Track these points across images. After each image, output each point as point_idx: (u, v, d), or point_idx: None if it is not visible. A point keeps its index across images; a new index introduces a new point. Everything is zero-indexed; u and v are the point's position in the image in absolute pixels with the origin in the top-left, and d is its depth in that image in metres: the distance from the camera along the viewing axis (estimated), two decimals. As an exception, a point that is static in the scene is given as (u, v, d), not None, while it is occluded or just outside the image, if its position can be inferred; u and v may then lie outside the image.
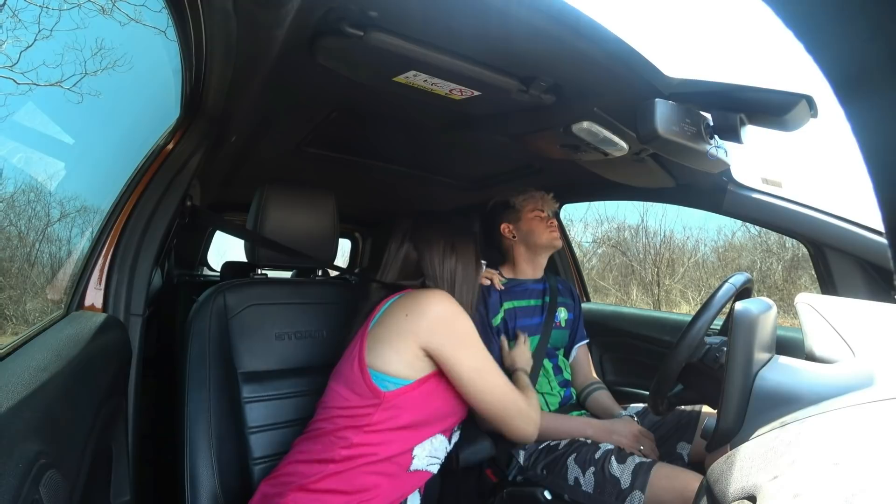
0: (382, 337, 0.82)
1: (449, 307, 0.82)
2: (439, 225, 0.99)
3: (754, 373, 0.66)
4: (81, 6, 1.21)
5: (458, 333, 0.81)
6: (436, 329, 0.80)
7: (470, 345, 0.82)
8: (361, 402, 0.79)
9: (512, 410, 0.85)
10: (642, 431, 1.12)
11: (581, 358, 1.42)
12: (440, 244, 0.94)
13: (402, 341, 0.80)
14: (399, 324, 0.81)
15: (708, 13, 13.94)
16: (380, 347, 0.81)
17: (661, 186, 1.30)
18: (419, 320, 0.80)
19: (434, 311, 0.81)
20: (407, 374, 0.80)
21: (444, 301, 0.83)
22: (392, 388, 0.79)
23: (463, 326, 0.82)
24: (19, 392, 0.46)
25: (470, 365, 0.81)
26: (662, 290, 5.94)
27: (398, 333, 0.81)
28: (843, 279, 1.11)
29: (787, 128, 0.75)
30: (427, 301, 0.82)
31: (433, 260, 0.93)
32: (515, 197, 1.40)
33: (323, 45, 0.73)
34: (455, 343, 0.81)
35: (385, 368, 0.79)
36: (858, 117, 0.22)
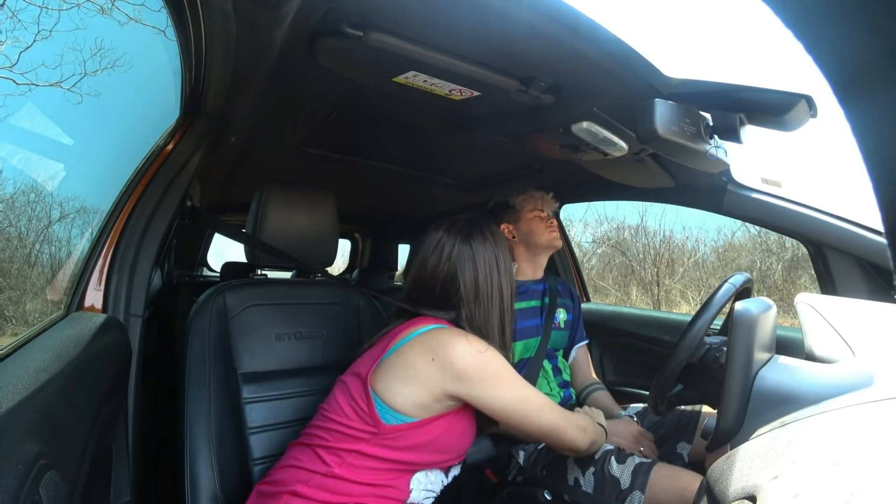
0: (398, 371, 0.76)
1: (480, 355, 0.76)
2: (486, 246, 0.87)
3: (754, 373, 0.66)
4: (81, 6, 1.21)
5: (496, 375, 0.77)
6: (467, 377, 0.75)
7: (508, 380, 0.78)
8: (360, 425, 0.76)
9: (562, 423, 0.82)
10: (642, 432, 1.12)
11: (580, 359, 1.42)
12: (486, 275, 0.84)
13: (422, 385, 0.75)
14: (422, 366, 0.75)
15: (708, 13, 13.93)
16: (391, 381, 0.76)
17: (661, 186, 1.30)
18: (448, 368, 0.75)
19: (464, 359, 0.75)
20: (413, 413, 0.75)
21: (476, 345, 0.77)
22: (393, 423, 0.75)
23: (496, 368, 0.77)
24: (19, 393, 0.46)
25: (514, 396, 0.78)
26: (662, 290, 5.94)
27: (418, 375, 0.75)
28: (842, 279, 1.11)
29: (787, 128, 0.75)
30: (456, 347, 0.75)
31: (476, 291, 0.83)
32: (515, 197, 1.40)
33: (322, 46, 0.73)
34: (491, 385, 0.76)
35: (391, 402, 0.75)
36: (858, 117, 0.22)
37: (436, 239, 0.87)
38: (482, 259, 0.85)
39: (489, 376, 0.76)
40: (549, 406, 0.82)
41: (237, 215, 2.53)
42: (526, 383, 0.81)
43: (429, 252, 0.86)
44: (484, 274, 0.84)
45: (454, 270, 0.83)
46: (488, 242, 0.86)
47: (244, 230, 1.11)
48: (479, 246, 0.85)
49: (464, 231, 0.86)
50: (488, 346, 0.78)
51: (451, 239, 0.85)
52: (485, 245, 0.86)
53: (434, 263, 0.85)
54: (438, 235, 0.87)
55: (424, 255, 0.87)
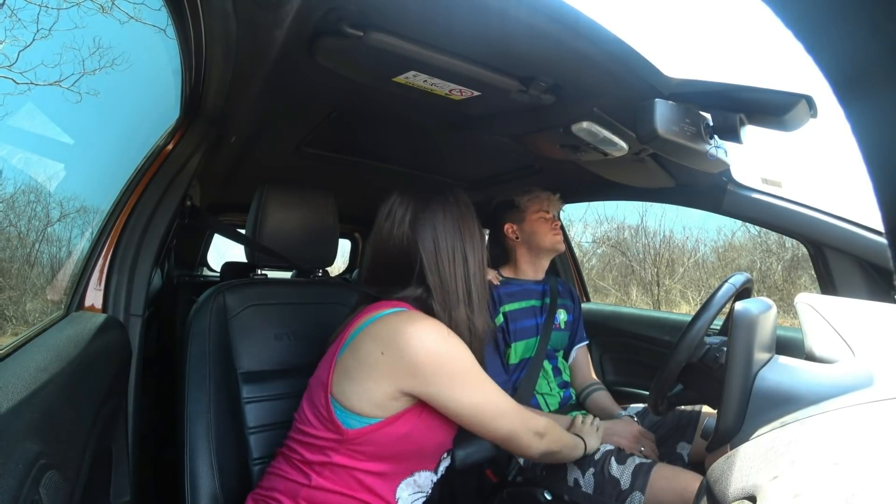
0: (350, 370, 0.69)
1: (438, 344, 0.67)
2: (445, 202, 0.76)
3: (754, 373, 0.66)
4: (80, 5, 1.21)
5: (453, 373, 0.67)
6: (421, 372, 0.66)
7: (468, 381, 0.69)
8: (324, 433, 0.70)
9: (519, 430, 0.75)
10: (642, 432, 1.12)
11: (580, 359, 1.42)
12: (448, 232, 0.74)
13: (374, 382, 0.67)
14: (372, 361, 0.67)
15: (708, 13, 13.93)
16: (346, 381, 0.69)
17: (661, 186, 1.30)
18: (399, 362, 0.66)
19: (420, 353, 0.65)
20: (374, 414, 0.68)
21: (430, 336, 0.67)
22: (356, 427, 0.68)
23: (457, 364, 0.68)
24: (19, 392, 0.46)
25: (471, 402, 0.69)
26: (662, 290, 5.94)
27: (369, 371, 0.67)
28: (842, 279, 1.11)
29: (787, 128, 0.75)
30: (408, 338, 0.66)
31: (439, 258, 0.73)
32: (520, 196, 1.38)
33: (323, 46, 0.73)
34: (450, 385, 0.67)
35: (349, 405, 0.68)
36: (858, 117, 0.22)
37: (389, 203, 0.76)
38: (443, 223, 0.74)
39: (445, 375, 0.67)
40: (508, 411, 0.73)
41: (237, 215, 2.53)
42: (487, 384, 0.71)
43: (382, 219, 0.76)
44: (445, 239, 0.73)
45: (413, 237, 0.73)
46: (450, 204, 0.76)
47: (244, 230, 1.11)
48: (439, 206, 0.75)
49: (420, 193, 0.76)
50: (449, 335, 0.69)
51: (406, 201, 0.75)
52: (446, 206, 0.75)
53: (388, 230, 0.74)
54: (392, 199, 0.76)
55: (379, 223, 0.76)
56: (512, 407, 0.75)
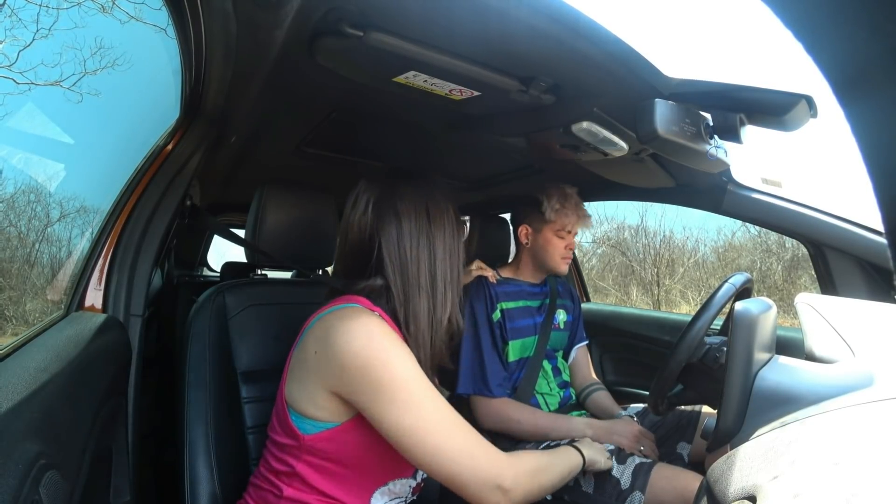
0: (295, 370, 0.65)
1: (366, 343, 0.58)
2: (414, 186, 0.70)
3: (754, 373, 0.66)
4: (81, 4, 1.22)
5: (380, 383, 0.57)
6: (344, 375, 0.59)
7: (398, 396, 0.57)
8: (284, 439, 0.66)
9: (465, 479, 0.58)
10: (642, 432, 1.12)
11: (580, 359, 1.42)
12: (413, 217, 0.67)
13: (312, 383, 0.62)
14: (309, 360, 0.63)
15: (708, 13, 13.94)
16: (293, 382, 0.65)
17: (661, 186, 1.30)
18: (327, 363, 0.60)
19: (345, 351, 0.58)
20: (325, 418, 0.62)
21: (362, 334, 0.59)
22: (312, 432, 0.63)
23: (386, 371, 0.58)
24: (19, 392, 0.46)
25: (395, 423, 0.57)
26: (662, 290, 5.94)
27: (308, 371, 0.63)
28: (843, 279, 1.11)
29: (787, 128, 0.75)
30: (338, 334, 0.59)
31: (401, 243, 0.66)
32: (550, 202, 1.28)
33: (323, 46, 0.73)
34: (374, 396, 0.58)
35: (298, 408, 0.63)
36: (858, 117, 0.22)
37: (356, 190, 0.71)
38: (408, 208, 0.68)
39: (369, 383, 0.58)
40: (450, 447, 0.58)
41: (237, 215, 2.53)
42: (426, 405, 0.59)
43: (349, 207, 0.71)
44: (409, 224, 0.67)
45: (375, 223, 0.67)
46: (420, 188, 0.70)
47: (244, 230, 1.11)
48: (406, 190, 0.68)
49: (388, 179, 0.71)
50: (383, 336, 0.60)
51: (373, 188, 0.70)
52: (415, 190, 0.69)
53: (352, 218, 0.69)
54: (359, 186, 0.71)
55: (346, 212, 0.71)
56: (462, 445, 0.58)
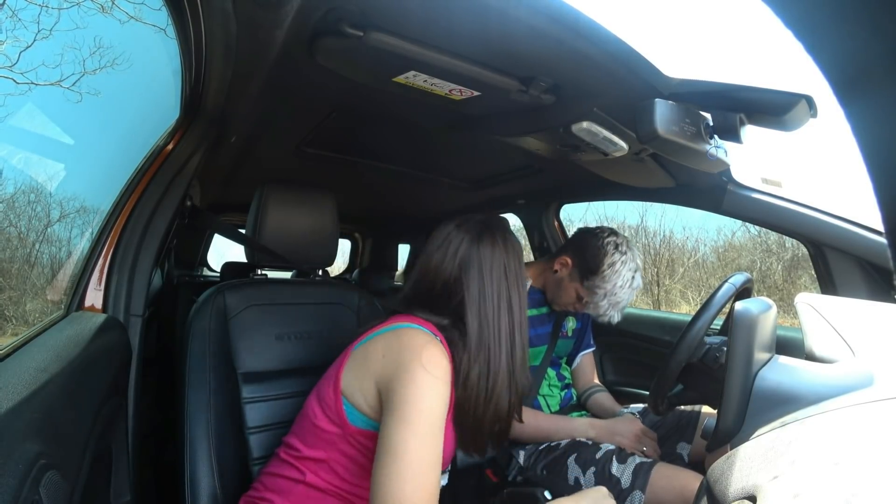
0: (358, 369, 0.70)
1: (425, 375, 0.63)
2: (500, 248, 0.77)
3: (754, 373, 0.66)
4: (81, 4, 1.22)
5: (410, 400, 0.62)
6: (395, 382, 0.64)
7: (409, 417, 0.61)
8: (326, 425, 0.71)
9: None
10: (644, 430, 1.12)
11: (585, 364, 1.41)
12: (495, 281, 0.74)
13: (368, 379, 0.68)
14: (374, 361, 0.69)
15: (708, 13, 13.94)
16: (353, 378, 0.70)
17: (661, 186, 1.30)
18: (390, 365, 0.66)
19: (412, 370, 0.63)
20: (373, 417, 0.68)
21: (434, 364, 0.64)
22: (359, 426, 0.69)
23: (418, 397, 0.62)
24: (19, 392, 0.46)
25: (391, 438, 0.61)
26: (662, 290, 5.93)
27: (367, 369, 0.69)
28: (843, 279, 1.11)
29: (787, 128, 0.75)
30: (414, 353, 0.65)
31: (483, 307, 0.73)
32: (612, 256, 1.18)
33: (322, 46, 0.73)
34: (397, 408, 0.62)
35: (354, 402, 0.69)
36: (858, 117, 0.22)
37: (445, 233, 0.79)
38: (489, 266, 0.75)
39: (408, 397, 0.62)
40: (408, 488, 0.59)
41: (237, 215, 2.53)
42: (422, 447, 0.61)
43: (434, 246, 0.79)
44: (491, 286, 0.74)
45: (458, 272, 0.75)
46: (498, 249, 0.77)
47: (244, 230, 1.11)
48: (487, 252, 0.76)
49: (474, 231, 0.78)
50: (445, 376, 0.65)
51: (460, 236, 0.77)
52: (493, 251, 0.76)
53: (439, 260, 0.77)
54: (448, 230, 0.79)
55: (431, 248, 0.79)
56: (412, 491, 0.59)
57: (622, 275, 1.17)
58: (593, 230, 1.26)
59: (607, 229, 1.25)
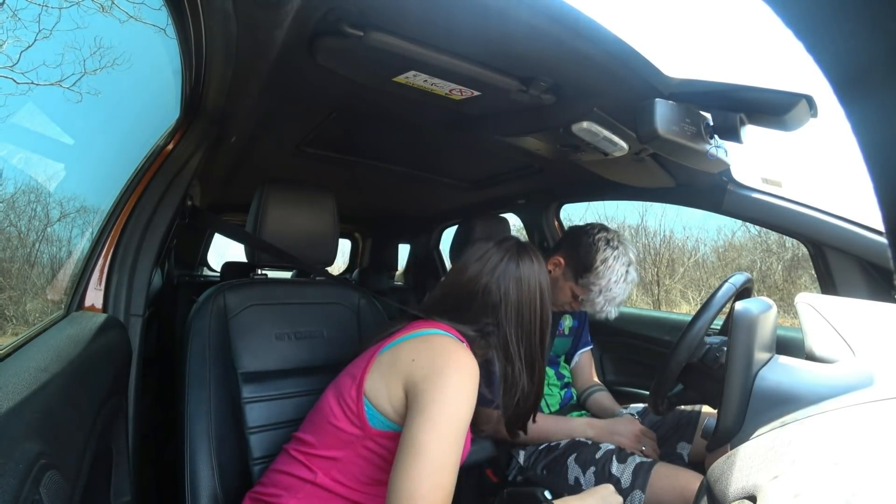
0: (384, 371, 0.72)
1: (458, 380, 0.66)
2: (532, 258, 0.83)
3: (754, 373, 0.66)
4: (81, 4, 1.22)
5: (439, 401, 0.64)
6: (425, 383, 0.66)
7: (437, 418, 0.63)
8: (346, 425, 0.72)
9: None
10: (644, 430, 1.12)
11: (584, 362, 1.40)
12: (528, 301, 0.79)
13: (394, 383, 0.70)
14: (402, 365, 0.70)
15: (708, 13, 13.95)
16: (379, 381, 0.71)
17: (661, 186, 1.30)
18: (420, 369, 0.68)
19: (445, 374, 0.66)
20: (396, 420, 0.70)
21: (466, 370, 0.67)
22: (379, 428, 0.70)
23: (447, 399, 0.64)
24: (20, 392, 0.46)
25: (415, 437, 0.62)
26: (662, 290, 5.93)
27: (396, 373, 0.71)
28: (843, 279, 1.11)
29: (787, 128, 0.75)
30: (445, 359, 0.67)
31: (521, 309, 0.79)
32: (608, 262, 1.17)
33: (323, 46, 0.73)
34: (425, 408, 0.64)
35: (378, 404, 0.71)
36: (858, 117, 0.22)
37: (483, 249, 0.84)
38: (528, 282, 0.80)
39: (437, 399, 0.64)
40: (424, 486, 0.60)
41: (237, 215, 2.53)
42: (446, 449, 0.62)
43: (471, 259, 0.83)
44: (528, 299, 0.80)
45: (494, 286, 0.79)
46: (535, 267, 0.82)
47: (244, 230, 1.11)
48: (528, 268, 0.81)
49: (514, 249, 0.83)
50: (473, 382, 0.68)
51: (500, 253, 0.82)
52: (532, 268, 0.82)
53: (475, 272, 0.81)
54: (487, 246, 0.84)
55: (466, 261, 0.83)
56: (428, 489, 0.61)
57: (616, 270, 1.18)
58: (583, 227, 1.26)
59: (597, 225, 1.26)
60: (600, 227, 1.25)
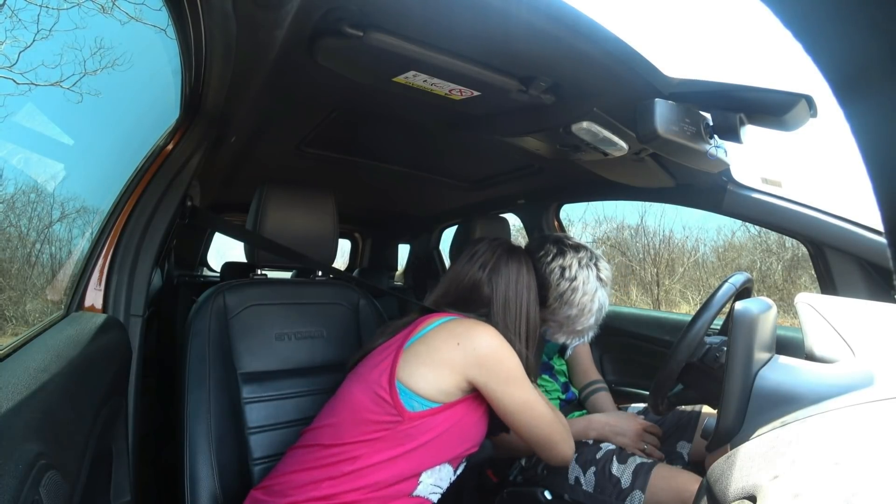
0: (423, 357, 0.81)
1: (501, 344, 0.82)
2: (520, 260, 0.95)
3: (754, 373, 0.66)
4: (81, 5, 1.22)
5: (508, 370, 0.81)
6: (487, 364, 0.80)
7: (518, 381, 0.82)
8: (381, 416, 0.78)
9: (556, 437, 0.86)
10: (646, 427, 1.11)
11: (580, 354, 1.37)
12: (515, 290, 0.92)
13: (447, 369, 0.79)
14: (447, 351, 0.80)
15: (708, 13, 13.95)
16: (416, 367, 0.80)
17: (661, 186, 1.30)
18: (471, 353, 0.80)
19: (487, 346, 0.80)
20: (437, 398, 0.79)
21: (496, 337, 0.82)
22: (418, 409, 0.78)
23: (512, 363, 0.82)
24: (19, 393, 0.46)
25: (519, 399, 0.82)
26: (662, 290, 5.94)
27: (444, 360, 0.80)
28: (843, 279, 1.11)
29: (787, 128, 0.75)
30: (480, 335, 0.81)
31: (508, 308, 0.90)
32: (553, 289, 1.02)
33: (322, 46, 0.73)
34: (504, 379, 0.81)
35: (416, 387, 0.79)
36: (857, 117, 0.22)
37: (476, 247, 0.95)
38: (514, 277, 0.92)
39: (504, 370, 0.81)
40: (552, 420, 0.85)
41: (237, 215, 2.53)
42: (533, 391, 0.84)
43: (466, 259, 0.94)
44: (514, 291, 0.91)
45: (486, 280, 0.90)
46: (522, 266, 0.94)
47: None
48: (514, 265, 0.93)
49: (501, 248, 0.94)
50: (509, 343, 0.83)
51: (490, 252, 0.93)
52: (519, 266, 0.93)
53: (468, 270, 0.92)
54: (479, 246, 0.96)
55: (462, 260, 0.95)
56: (555, 418, 0.86)
57: (575, 304, 1.01)
58: (538, 251, 1.07)
59: (555, 246, 1.06)
60: (557, 249, 1.05)
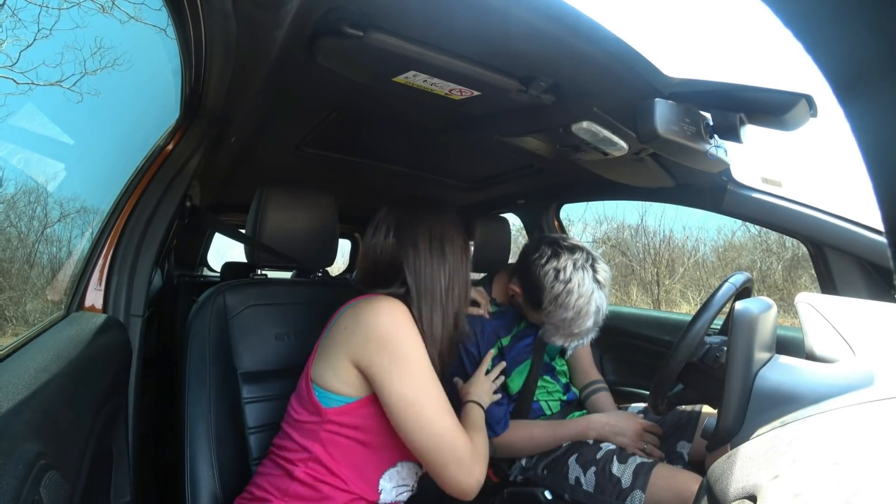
0: (326, 349, 0.76)
1: (391, 320, 0.71)
2: (428, 217, 0.84)
3: (754, 372, 0.66)
4: (81, 5, 1.22)
5: (393, 353, 0.69)
6: (367, 344, 0.70)
7: (405, 369, 0.69)
8: (306, 416, 0.75)
9: (446, 457, 0.68)
10: (646, 426, 1.11)
11: (580, 354, 1.36)
12: (428, 243, 0.81)
13: (336, 356, 0.73)
14: (338, 337, 0.74)
15: (708, 13, 13.96)
16: (322, 362, 0.76)
17: (661, 186, 1.30)
18: (354, 333, 0.72)
19: (371, 324, 0.70)
20: (347, 392, 0.73)
21: (388, 312, 0.71)
22: (333, 406, 0.73)
23: (406, 346, 0.70)
24: (20, 393, 0.46)
25: (399, 393, 0.68)
26: (662, 289, 5.94)
27: (335, 347, 0.74)
28: (843, 279, 1.11)
29: (787, 127, 0.75)
30: (367, 311, 0.72)
31: (417, 263, 0.79)
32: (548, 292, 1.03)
33: (322, 46, 0.73)
34: (389, 365, 0.69)
35: (323, 383, 0.74)
36: (858, 117, 0.22)
37: (377, 218, 0.85)
38: (424, 243, 0.80)
39: (388, 352, 0.69)
40: (445, 433, 0.68)
41: (237, 215, 2.53)
42: (427, 384, 0.70)
43: (371, 231, 0.84)
44: (425, 259, 0.79)
45: (397, 249, 0.80)
46: (435, 223, 0.82)
47: (244, 230, 1.11)
48: (420, 226, 0.81)
49: (405, 207, 0.84)
50: (404, 318, 0.72)
51: (392, 217, 0.83)
52: (431, 228, 0.81)
53: (374, 242, 0.83)
54: (379, 215, 0.85)
55: (367, 233, 0.85)
56: (451, 429, 0.69)
57: (570, 307, 1.01)
58: (533, 252, 1.09)
59: (549, 247, 1.07)
60: (552, 250, 1.06)
